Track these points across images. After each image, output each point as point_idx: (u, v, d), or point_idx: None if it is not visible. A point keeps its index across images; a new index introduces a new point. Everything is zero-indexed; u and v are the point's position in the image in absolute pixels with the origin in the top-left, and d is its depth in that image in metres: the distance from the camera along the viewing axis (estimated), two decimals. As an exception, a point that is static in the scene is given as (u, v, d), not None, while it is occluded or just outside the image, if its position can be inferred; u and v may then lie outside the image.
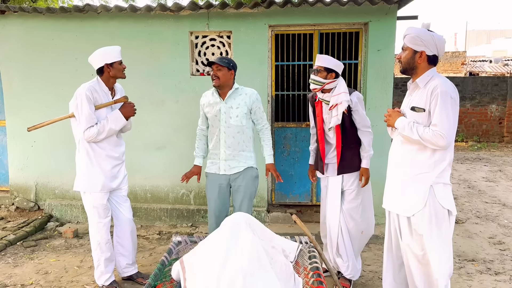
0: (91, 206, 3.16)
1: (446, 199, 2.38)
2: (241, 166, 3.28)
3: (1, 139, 5.33)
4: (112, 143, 3.18)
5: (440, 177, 2.38)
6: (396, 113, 2.51)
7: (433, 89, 2.29)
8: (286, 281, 2.25)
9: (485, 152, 10.40)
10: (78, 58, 4.80)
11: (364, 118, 3.21)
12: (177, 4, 4.49)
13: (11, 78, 4.95)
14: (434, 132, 2.27)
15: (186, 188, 4.92)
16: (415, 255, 2.46)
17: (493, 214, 5.30)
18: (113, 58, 3.07)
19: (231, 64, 3.17)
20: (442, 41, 2.37)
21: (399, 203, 2.49)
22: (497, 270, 3.68)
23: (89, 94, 3.00)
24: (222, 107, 3.21)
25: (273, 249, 2.50)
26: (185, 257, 2.37)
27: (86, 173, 3.11)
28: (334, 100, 3.08)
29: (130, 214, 3.39)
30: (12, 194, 5.15)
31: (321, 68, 3.11)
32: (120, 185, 3.29)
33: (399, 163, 2.53)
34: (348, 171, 3.22)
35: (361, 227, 3.30)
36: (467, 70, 19.11)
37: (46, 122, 3.20)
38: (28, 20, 4.82)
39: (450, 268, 2.45)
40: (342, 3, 4.29)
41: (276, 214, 4.81)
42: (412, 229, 2.44)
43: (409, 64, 2.42)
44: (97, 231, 3.18)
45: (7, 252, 4.09)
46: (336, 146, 3.21)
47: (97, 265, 3.25)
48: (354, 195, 3.25)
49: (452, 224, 2.43)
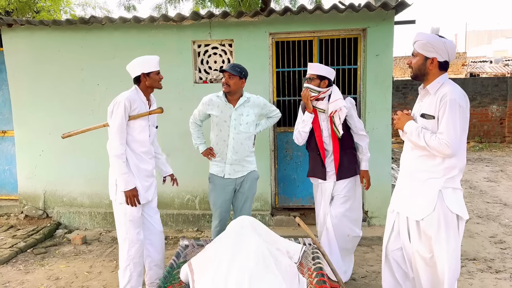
0: (126, 220, 3.04)
1: (455, 204, 2.39)
2: (245, 170, 3.43)
3: (10, 148, 5.44)
4: (150, 155, 3.17)
5: (449, 182, 2.39)
6: (406, 116, 2.53)
7: (443, 96, 2.31)
8: (291, 281, 2.34)
9: (487, 153, 10.45)
10: (84, 68, 4.92)
11: (359, 123, 3.32)
12: (180, 15, 4.61)
13: (19, 89, 5.07)
14: (440, 140, 2.29)
15: (191, 194, 5.02)
16: (423, 258, 2.48)
17: (494, 213, 5.37)
18: (151, 68, 3.02)
19: (243, 73, 3.30)
20: (453, 47, 2.38)
21: (409, 207, 2.52)
22: (498, 268, 3.75)
23: (128, 104, 2.94)
24: (233, 114, 3.34)
25: (278, 251, 2.59)
26: (193, 260, 2.46)
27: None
28: (333, 107, 3.17)
29: (161, 226, 3.34)
30: (21, 203, 5.26)
31: (314, 76, 3.20)
32: (153, 197, 3.24)
33: (409, 168, 2.55)
34: (346, 176, 3.30)
35: (347, 230, 3.37)
36: (468, 71, 19.18)
37: (80, 130, 3.23)
38: (34, 33, 4.95)
39: (457, 271, 2.46)
40: (340, 10, 4.39)
41: (280, 217, 4.89)
42: (421, 232, 2.47)
43: (420, 71, 2.44)
44: (132, 245, 3.05)
45: (18, 259, 4.19)
46: (333, 152, 3.28)
47: (127, 281, 3.08)
48: (344, 200, 3.33)
49: (462, 229, 2.43)
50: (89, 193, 5.13)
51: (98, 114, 4.94)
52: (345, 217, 3.34)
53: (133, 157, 3.04)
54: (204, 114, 3.47)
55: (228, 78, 3.26)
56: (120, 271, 3.11)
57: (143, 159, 3.10)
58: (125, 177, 2.95)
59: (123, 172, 2.95)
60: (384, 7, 4.34)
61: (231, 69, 3.26)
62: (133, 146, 3.04)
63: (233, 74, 3.24)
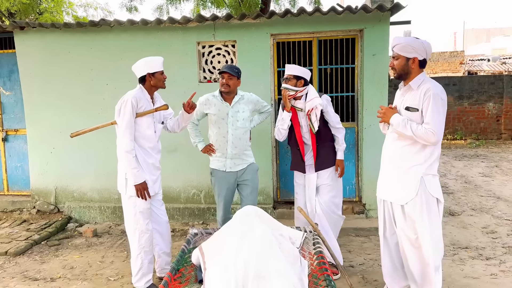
0: (136, 212, 3.23)
1: (435, 189, 2.69)
2: (245, 163, 3.70)
3: (22, 146, 5.67)
4: (156, 150, 3.36)
5: (429, 169, 2.68)
6: (391, 110, 2.80)
7: (426, 91, 2.60)
8: (293, 263, 2.56)
9: (483, 149, 10.67)
10: (93, 69, 5.14)
11: (335, 117, 3.59)
12: (185, 17, 4.83)
13: (31, 90, 5.29)
14: (427, 130, 2.57)
15: (196, 188, 5.24)
16: (409, 239, 2.76)
17: (487, 206, 5.59)
18: (155, 68, 3.20)
19: (240, 74, 3.57)
20: (429, 46, 2.69)
21: (394, 193, 2.81)
22: (488, 255, 3.97)
23: (134, 102, 3.13)
24: (230, 111, 3.59)
25: (281, 237, 2.81)
26: (203, 244, 2.68)
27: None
28: (310, 105, 3.45)
29: (166, 216, 3.58)
30: (33, 198, 5.48)
31: (290, 77, 3.50)
32: (158, 190, 3.46)
33: (392, 158, 2.84)
34: (324, 167, 3.58)
35: (334, 216, 3.66)
36: (466, 69, 19.40)
37: (88, 129, 3.38)
38: (46, 35, 5.16)
39: (440, 251, 2.76)
40: (339, 12, 4.61)
41: (282, 210, 5.12)
42: (405, 216, 2.75)
43: (404, 70, 2.71)
44: (142, 235, 3.25)
45: (33, 251, 4.41)
46: (311, 146, 3.56)
47: (139, 268, 3.30)
48: (330, 188, 3.62)
49: (441, 211, 2.75)
50: (99, 189, 5.35)
51: (108, 113, 5.14)
52: (332, 204, 3.64)
53: (141, 152, 3.25)
54: (202, 113, 3.71)
55: (228, 79, 3.50)
56: (132, 259, 3.33)
57: (150, 154, 3.31)
58: (135, 172, 3.16)
59: (133, 167, 3.16)
60: (380, 9, 4.56)
61: (230, 70, 3.50)
62: (140, 142, 3.25)
63: (232, 75, 3.50)
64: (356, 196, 5.25)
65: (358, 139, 5.11)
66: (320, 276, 2.41)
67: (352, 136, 5.15)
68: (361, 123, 4.99)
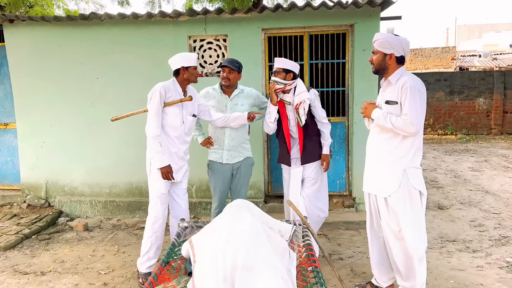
0: (155, 196, 3.42)
1: (417, 181, 2.75)
2: (241, 156, 3.74)
3: (12, 140, 5.63)
4: (181, 140, 3.45)
5: (412, 161, 2.74)
6: (372, 105, 2.88)
7: (403, 84, 2.66)
8: (282, 255, 2.58)
9: (473, 144, 10.79)
10: (83, 63, 5.11)
11: (322, 112, 3.62)
12: (176, 11, 4.82)
13: (21, 84, 5.25)
14: (405, 121, 2.63)
15: (188, 182, 5.21)
16: (392, 231, 2.82)
17: (475, 200, 5.67)
18: (190, 63, 3.35)
19: (240, 68, 3.62)
20: (407, 44, 2.74)
21: (377, 186, 2.86)
22: (475, 248, 4.04)
23: (163, 91, 3.28)
24: (228, 104, 3.66)
25: (270, 229, 2.84)
26: (193, 237, 2.70)
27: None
28: (298, 99, 3.48)
29: (187, 206, 3.67)
30: (24, 192, 5.46)
31: (279, 70, 3.51)
32: (182, 179, 3.55)
33: (376, 151, 2.90)
34: (310, 161, 3.62)
35: (316, 211, 3.69)
36: (457, 65, 19.54)
37: (125, 114, 3.62)
38: (36, 28, 5.12)
39: (424, 243, 2.81)
40: (329, 7, 4.63)
41: (273, 204, 5.15)
42: (389, 208, 2.81)
43: (381, 65, 2.78)
44: (156, 220, 3.43)
45: (23, 245, 4.41)
46: (298, 139, 3.60)
47: (146, 251, 3.47)
48: (313, 182, 3.66)
49: (424, 204, 2.81)
50: (90, 183, 5.34)
51: (98, 107, 5.15)
52: (315, 197, 3.67)
53: (166, 140, 3.39)
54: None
55: (228, 73, 3.57)
56: (143, 240, 3.50)
57: (174, 143, 3.43)
58: (160, 155, 3.31)
59: (158, 151, 3.30)
60: (370, 4, 4.59)
61: (231, 64, 3.55)
62: (166, 130, 3.39)
63: (233, 69, 3.55)
64: (347, 190, 5.30)
65: (348, 134, 5.15)
66: (308, 268, 2.45)
67: (343, 130, 5.19)
68: (351, 117, 5.03)
